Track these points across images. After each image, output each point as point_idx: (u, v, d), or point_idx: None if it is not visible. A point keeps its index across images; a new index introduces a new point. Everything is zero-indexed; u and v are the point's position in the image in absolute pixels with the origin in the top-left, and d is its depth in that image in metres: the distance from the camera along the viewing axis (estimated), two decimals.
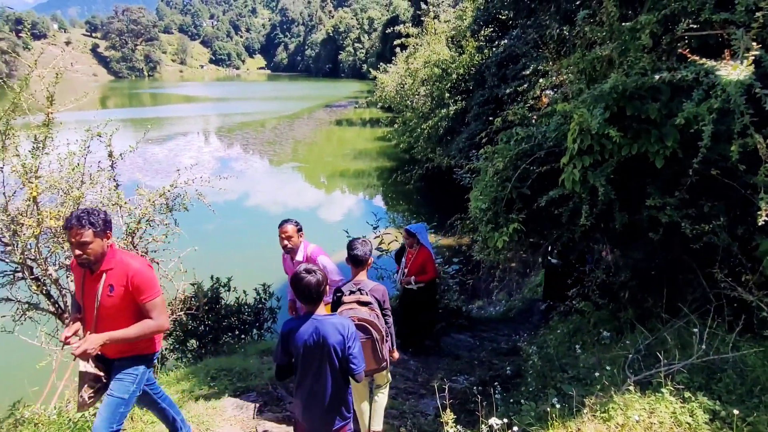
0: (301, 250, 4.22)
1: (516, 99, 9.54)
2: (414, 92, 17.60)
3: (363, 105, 41.88)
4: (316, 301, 2.82)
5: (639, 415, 3.04)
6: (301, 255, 4.19)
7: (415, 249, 5.92)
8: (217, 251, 11.08)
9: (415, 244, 5.91)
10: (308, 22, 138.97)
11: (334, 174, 22.33)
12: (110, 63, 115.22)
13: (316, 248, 4.26)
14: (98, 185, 4.14)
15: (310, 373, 2.84)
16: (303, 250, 4.23)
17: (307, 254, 4.20)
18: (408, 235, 5.91)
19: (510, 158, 4.61)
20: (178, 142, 28.50)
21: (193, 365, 5.60)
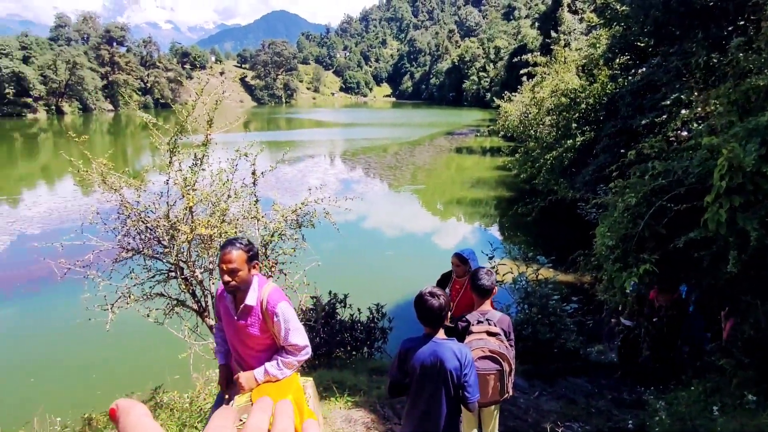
0: (253, 292, 2.74)
1: (653, 131, 8.89)
2: (539, 122, 17.15)
3: (484, 133, 41.61)
4: (436, 325, 2.86)
5: None
6: (253, 298, 2.73)
7: (464, 280, 4.65)
8: (335, 268, 11.62)
9: (467, 273, 4.55)
10: (435, 52, 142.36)
11: (451, 201, 22.36)
12: (255, 91, 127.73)
13: (274, 291, 2.81)
14: (241, 200, 4.63)
15: (424, 396, 2.86)
16: (256, 290, 2.76)
17: (260, 299, 2.74)
18: (460, 261, 4.56)
19: (644, 194, 4.31)
20: (307, 163, 30.58)
21: (307, 375, 5.90)
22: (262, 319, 2.73)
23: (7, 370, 7.96)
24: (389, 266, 13.47)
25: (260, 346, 2.81)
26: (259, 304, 2.75)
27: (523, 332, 6.84)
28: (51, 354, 8.57)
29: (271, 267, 4.61)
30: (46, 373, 7.84)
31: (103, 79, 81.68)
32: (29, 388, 7.18)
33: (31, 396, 6.88)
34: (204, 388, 4.99)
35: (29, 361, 8.20)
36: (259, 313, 2.74)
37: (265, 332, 2.76)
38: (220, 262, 2.65)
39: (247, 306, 2.74)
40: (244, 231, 4.49)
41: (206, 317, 4.52)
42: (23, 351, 8.65)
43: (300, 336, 2.79)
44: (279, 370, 2.76)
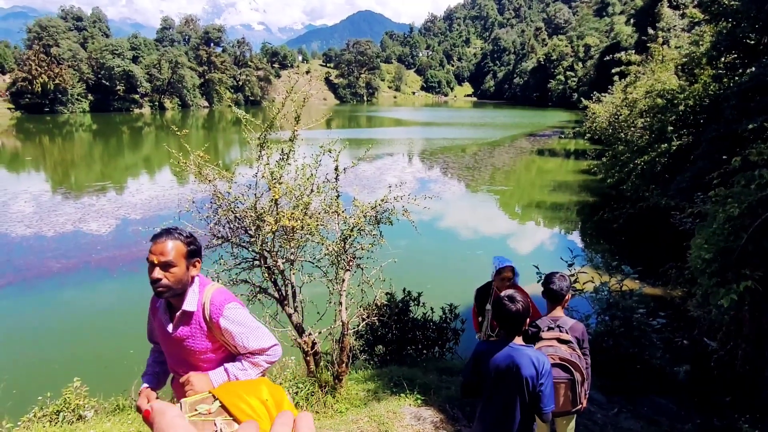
0: (193, 294, 2.22)
1: (761, 136, 8.12)
2: (630, 124, 16.24)
3: (569, 135, 40.00)
4: (514, 330, 2.82)
5: None
6: (193, 303, 2.20)
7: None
8: (410, 266, 11.69)
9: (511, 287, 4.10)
10: (519, 51, 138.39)
11: (530, 204, 21.70)
12: (338, 89, 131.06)
13: (219, 291, 2.27)
14: (323, 194, 4.80)
15: (498, 401, 2.85)
16: (196, 293, 2.23)
17: (203, 302, 2.21)
18: (513, 273, 4.21)
19: (749, 204, 3.96)
20: (385, 161, 30.92)
21: (378, 369, 6.02)
22: (206, 327, 2.19)
23: (108, 342, 8.79)
24: (464, 267, 13.32)
25: (207, 362, 2.24)
26: (201, 309, 2.20)
27: (603, 345, 6.51)
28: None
29: (349, 262, 4.74)
30: (142, 346, 8.54)
31: (200, 77, 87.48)
32: (128, 358, 7.87)
33: (129, 366, 7.55)
34: (280, 373, 5.23)
35: (127, 335, 8.99)
36: (201, 320, 2.19)
37: (212, 343, 2.22)
38: (150, 253, 2.10)
39: (186, 312, 2.18)
40: (325, 225, 4.65)
41: (286, 306, 4.73)
42: (122, 325, 9.47)
43: (262, 337, 2.22)
44: (242, 371, 2.19)
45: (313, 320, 4.99)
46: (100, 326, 9.61)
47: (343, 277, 4.74)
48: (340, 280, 4.76)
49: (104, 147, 39.30)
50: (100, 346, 8.69)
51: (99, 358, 8.23)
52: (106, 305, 10.56)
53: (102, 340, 8.95)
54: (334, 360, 4.85)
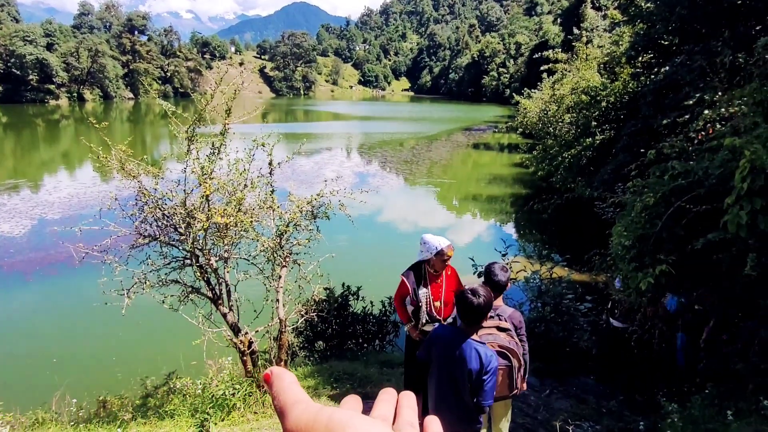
0: None
1: (674, 131, 8.74)
2: (558, 119, 16.97)
3: (503, 130, 41.28)
4: (473, 322, 2.91)
5: None
6: None
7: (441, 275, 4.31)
8: (349, 260, 11.68)
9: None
10: (455, 47, 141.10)
11: (466, 197, 22.25)
12: (273, 82, 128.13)
13: None
14: (257, 189, 4.67)
15: (442, 384, 3.01)
16: None
17: None
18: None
19: (663, 194, 4.26)
20: (323, 156, 30.65)
21: (318, 365, 5.98)
22: None
23: (27, 351, 8.17)
24: (403, 260, 13.44)
25: None
26: None
27: (535, 330, 6.81)
28: (69, 336, 8.77)
29: (285, 258, 4.65)
30: (65, 354, 8.03)
31: (124, 67, 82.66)
32: (50, 368, 7.36)
33: (50, 377, 7.07)
34: (216, 375, 5.07)
35: (48, 343, 8.40)
36: None
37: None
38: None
39: None
40: (260, 221, 4.54)
41: (220, 305, 4.58)
42: (42, 333, 8.85)
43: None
44: None
45: (249, 319, 4.87)
46: (16, 335, 8.90)
47: (279, 273, 4.64)
48: (277, 276, 4.66)
49: (16, 141, 36.30)
50: (16, 357, 8.05)
51: (16, 369, 7.63)
52: (22, 312, 9.79)
53: (19, 350, 8.30)
54: (272, 358, 4.75)
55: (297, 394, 0.43)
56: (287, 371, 0.46)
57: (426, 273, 4.13)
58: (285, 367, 4.72)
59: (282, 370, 0.46)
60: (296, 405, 0.42)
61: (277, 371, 0.46)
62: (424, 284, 4.09)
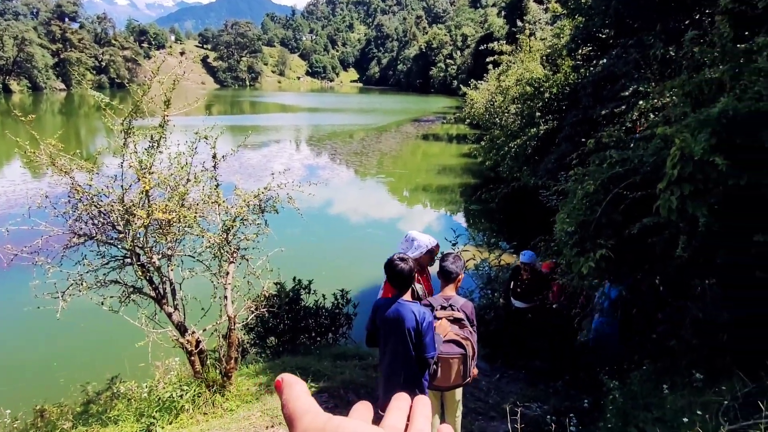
0: None
1: (612, 121, 9.12)
2: (504, 110, 17.35)
3: (451, 121, 41.86)
4: (404, 287, 3.19)
5: None
6: None
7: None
8: (300, 254, 11.54)
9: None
10: (402, 38, 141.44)
11: (417, 188, 22.47)
12: (217, 72, 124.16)
13: None
14: (201, 184, 4.51)
15: (389, 349, 3.22)
16: None
17: None
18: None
19: (602, 181, 4.43)
20: (272, 148, 30.08)
21: (271, 361, 5.88)
22: None
23: None
24: (355, 252, 13.46)
25: None
26: None
27: (485, 317, 6.98)
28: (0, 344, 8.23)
29: (233, 253, 4.53)
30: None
31: (54, 56, 77.97)
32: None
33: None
34: (163, 377, 4.89)
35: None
36: None
37: None
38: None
39: None
40: (205, 216, 4.39)
41: (164, 304, 4.41)
42: None
43: None
44: None
45: (196, 317, 4.70)
46: None
47: (227, 269, 4.52)
48: (224, 273, 4.53)
49: None
50: None
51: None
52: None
53: None
54: (221, 357, 4.62)
55: (306, 404, 0.43)
56: (298, 379, 0.46)
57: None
58: (234, 366, 4.62)
59: (293, 377, 0.46)
60: (305, 415, 0.42)
61: (288, 379, 0.46)
62: (416, 281, 4.09)
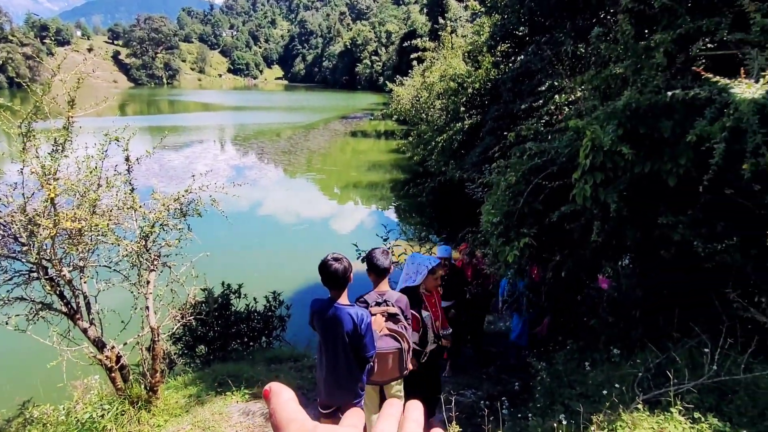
0: None
1: (531, 114, 9.54)
2: (429, 105, 17.68)
3: (378, 117, 42.16)
4: (340, 288, 3.13)
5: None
6: None
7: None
8: (228, 258, 11.18)
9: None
10: (326, 34, 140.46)
11: (347, 185, 22.44)
12: (130, 70, 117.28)
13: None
14: (114, 189, 4.23)
15: (327, 351, 3.20)
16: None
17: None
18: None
19: (522, 173, 4.62)
20: (194, 149, 28.87)
21: (200, 370, 5.64)
22: None
23: None
24: (286, 253, 13.23)
25: None
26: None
27: None
28: None
29: (153, 261, 4.28)
30: None
31: None
32: None
33: None
34: (82, 397, 4.56)
35: None
36: None
37: None
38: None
39: None
40: (120, 222, 4.11)
41: (78, 320, 4.09)
42: None
43: None
44: None
45: (116, 331, 4.40)
46: None
47: (147, 278, 4.25)
48: (145, 282, 4.26)
49: None
50: None
51: None
52: None
53: None
54: (146, 371, 4.36)
55: (293, 413, 0.43)
56: (286, 388, 0.45)
57: (422, 296, 4.05)
58: (161, 379, 4.39)
59: (281, 386, 0.45)
60: (291, 423, 0.42)
61: (275, 388, 0.45)
62: (424, 308, 3.99)
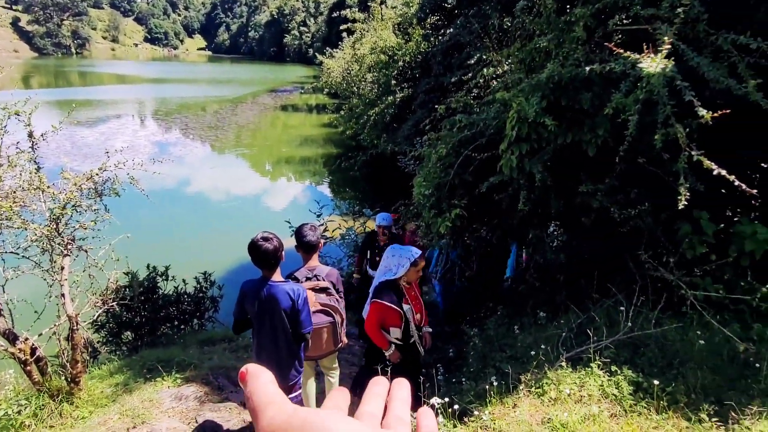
0: None
1: (461, 87, 9.66)
2: (360, 78, 17.48)
3: (309, 90, 41.17)
4: (272, 267, 3.07)
5: (570, 388, 3.22)
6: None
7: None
8: (154, 240, 10.66)
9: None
10: (251, 3, 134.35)
11: (279, 161, 21.90)
12: (33, 39, 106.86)
13: None
14: (17, 168, 3.86)
15: (264, 331, 3.14)
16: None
17: None
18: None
19: (453, 145, 4.69)
20: (111, 125, 26.97)
21: (127, 358, 5.38)
22: None
23: None
24: (217, 232, 12.79)
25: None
26: None
27: (354, 283, 7.10)
28: None
29: (67, 245, 3.97)
30: None
31: None
32: None
33: None
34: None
35: None
36: None
37: None
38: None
39: None
40: (27, 205, 3.76)
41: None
42: None
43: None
44: None
45: (29, 322, 4.07)
46: None
47: (61, 264, 3.94)
48: (59, 268, 3.95)
49: None
50: None
51: None
52: None
53: None
54: (65, 362, 4.07)
55: (271, 395, 0.41)
56: (264, 369, 0.43)
57: (403, 288, 3.89)
58: (82, 370, 4.15)
59: (258, 368, 0.44)
60: (270, 406, 0.40)
61: (252, 369, 0.44)
62: (405, 301, 3.85)
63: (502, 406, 3.26)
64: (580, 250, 5.03)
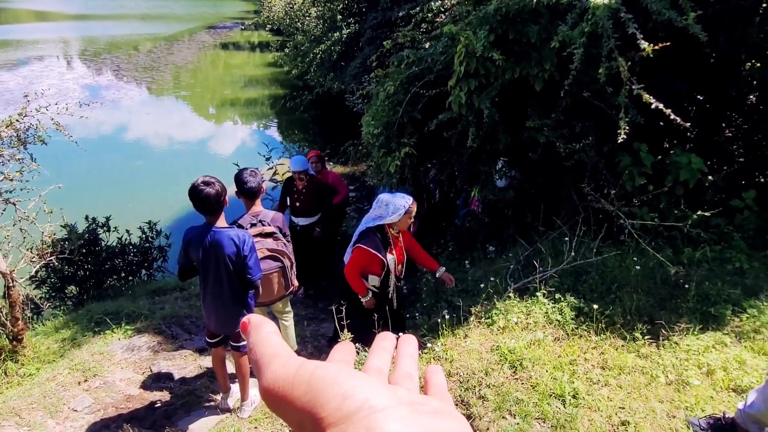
0: None
1: (409, 22, 9.37)
2: (304, 14, 16.67)
3: (250, 27, 38.89)
4: (215, 212, 2.98)
5: (517, 317, 3.39)
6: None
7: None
8: (92, 190, 10.10)
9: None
10: None
11: (223, 103, 20.91)
12: None
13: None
14: None
15: (209, 279, 3.09)
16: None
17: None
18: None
19: (401, 82, 4.59)
20: (33, 67, 24.72)
21: (73, 312, 5.22)
22: None
23: None
24: (160, 180, 12.26)
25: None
26: None
27: None
28: None
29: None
30: None
31: None
32: None
33: None
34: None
35: None
36: None
37: None
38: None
39: None
40: None
41: None
42: None
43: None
44: None
45: None
46: None
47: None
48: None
49: None
50: None
51: None
52: None
53: None
54: (4, 320, 3.90)
55: (276, 347, 0.39)
56: (268, 320, 0.41)
57: (389, 237, 3.67)
58: (24, 327, 4.00)
59: (261, 318, 0.41)
60: (274, 359, 0.38)
61: (255, 320, 0.41)
62: (390, 250, 3.64)
63: (453, 338, 3.40)
64: (528, 185, 5.16)
